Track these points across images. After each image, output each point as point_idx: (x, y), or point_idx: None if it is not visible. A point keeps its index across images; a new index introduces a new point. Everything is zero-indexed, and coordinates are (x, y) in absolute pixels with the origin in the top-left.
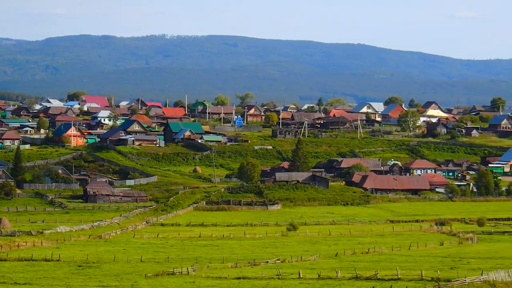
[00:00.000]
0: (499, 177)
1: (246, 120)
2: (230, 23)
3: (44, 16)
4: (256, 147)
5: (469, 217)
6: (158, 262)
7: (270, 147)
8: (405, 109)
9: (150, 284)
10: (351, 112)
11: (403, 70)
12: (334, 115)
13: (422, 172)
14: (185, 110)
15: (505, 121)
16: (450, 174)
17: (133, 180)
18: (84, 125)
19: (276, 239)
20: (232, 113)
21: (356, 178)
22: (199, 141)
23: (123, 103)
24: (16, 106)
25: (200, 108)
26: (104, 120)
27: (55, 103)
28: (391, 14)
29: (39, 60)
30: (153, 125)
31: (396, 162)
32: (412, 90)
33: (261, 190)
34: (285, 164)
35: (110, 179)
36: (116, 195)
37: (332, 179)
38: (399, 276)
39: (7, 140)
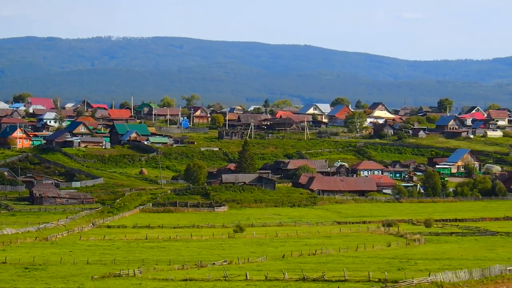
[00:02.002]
0: (446, 178)
1: (192, 122)
2: (175, 25)
3: None
4: (202, 149)
5: (416, 218)
6: (105, 264)
7: (217, 149)
8: (352, 110)
9: (96, 286)
10: (298, 113)
11: (350, 71)
12: (280, 116)
13: (369, 174)
14: (131, 112)
15: (452, 122)
16: (397, 175)
17: (79, 182)
18: (30, 127)
19: (222, 241)
20: (178, 114)
21: (303, 179)
22: (145, 143)
23: (69, 105)
24: None
25: (146, 109)
26: (50, 122)
27: (0, 105)
28: (337, 15)
29: None
30: (99, 127)
31: (343, 163)
32: (359, 91)
33: (208, 192)
34: (232, 166)
35: (56, 181)
36: (62, 197)
37: (278, 180)
38: (346, 278)
39: None
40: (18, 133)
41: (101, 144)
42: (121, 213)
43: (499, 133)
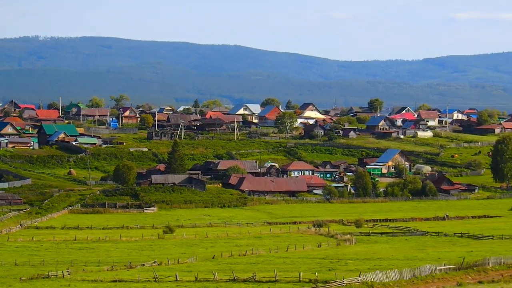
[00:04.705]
0: (376, 179)
1: (121, 122)
2: (104, 25)
3: None
4: (131, 149)
5: (347, 218)
6: (33, 266)
7: (146, 149)
8: (282, 110)
9: None
10: (228, 114)
11: (280, 71)
12: (210, 117)
13: (300, 174)
14: (59, 112)
15: (382, 122)
16: (328, 175)
17: (6, 183)
18: None
19: (152, 242)
20: (107, 115)
21: (233, 180)
22: (74, 143)
23: None
24: None
25: (74, 110)
26: None
27: None
28: (267, 15)
29: None
30: (27, 127)
31: (274, 164)
32: (289, 92)
33: (137, 193)
34: (161, 167)
35: None
36: None
37: (209, 181)
38: (276, 278)
39: None
40: None
41: (29, 145)
42: (49, 214)
43: (429, 134)
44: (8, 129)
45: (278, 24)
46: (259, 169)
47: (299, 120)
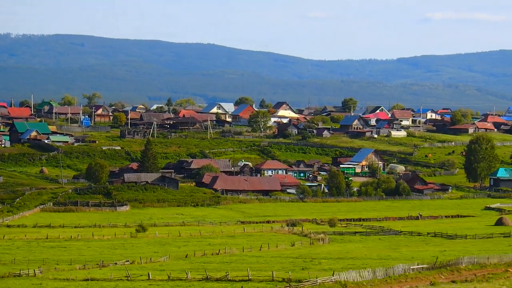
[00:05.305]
0: (350, 178)
1: (94, 121)
2: (77, 23)
3: None
4: (104, 148)
5: (320, 217)
6: (4, 264)
7: (119, 148)
8: (256, 109)
9: None
10: (201, 112)
11: (254, 70)
12: (183, 115)
13: (273, 173)
14: (31, 110)
15: (356, 121)
16: (302, 174)
17: None
18: None
19: (125, 241)
20: (79, 113)
21: (206, 179)
22: (46, 141)
23: None
24: None
25: (46, 108)
26: None
27: None
28: (241, 13)
29: None
30: None
31: (247, 163)
32: (263, 91)
33: (110, 191)
34: (134, 165)
35: None
36: None
37: (182, 180)
38: (250, 277)
39: None
40: None
41: (0, 143)
42: (21, 213)
43: (403, 133)
44: None
45: (252, 23)
46: (232, 168)
47: (273, 119)
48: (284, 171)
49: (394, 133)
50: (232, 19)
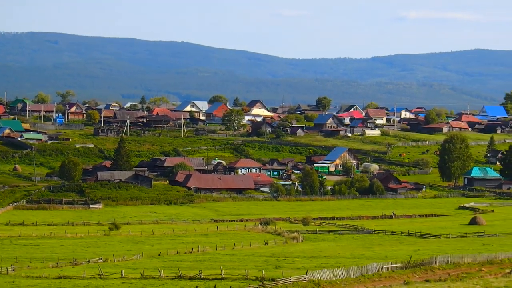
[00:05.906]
0: (324, 177)
1: (67, 118)
2: (51, 20)
3: None
4: (77, 146)
5: (294, 216)
6: None
7: (92, 146)
8: (230, 108)
9: None
10: (175, 110)
11: (228, 68)
12: (157, 113)
13: (247, 172)
14: (4, 107)
15: (330, 120)
16: (275, 173)
17: None
18: None
19: (98, 239)
20: (53, 111)
21: (180, 177)
22: (19, 139)
23: None
24: None
25: (20, 105)
26: None
27: None
28: (214, 11)
29: None
30: None
31: (221, 161)
32: (237, 89)
33: (83, 189)
34: (108, 163)
35: None
36: None
37: (155, 178)
38: (223, 276)
39: None
40: None
41: None
42: None
43: (377, 132)
44: None
45: (226, 21)
46: (206, 166)
47: (247, 118)
48: (257, 169)
49: (368, 132)
50: (206, 17)
